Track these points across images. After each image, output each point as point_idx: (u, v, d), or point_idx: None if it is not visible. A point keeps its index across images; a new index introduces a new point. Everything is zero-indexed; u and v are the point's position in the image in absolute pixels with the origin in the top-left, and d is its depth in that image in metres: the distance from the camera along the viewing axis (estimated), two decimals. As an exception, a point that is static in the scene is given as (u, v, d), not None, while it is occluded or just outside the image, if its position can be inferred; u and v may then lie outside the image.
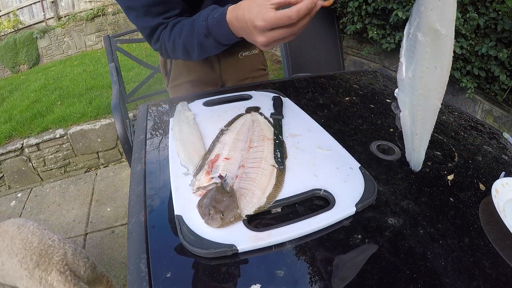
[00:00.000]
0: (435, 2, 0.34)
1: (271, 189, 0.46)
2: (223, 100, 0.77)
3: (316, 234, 0.41)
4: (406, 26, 0.38)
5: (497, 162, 0.59)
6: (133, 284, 0.36)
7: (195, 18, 0.62)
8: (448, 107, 0.80)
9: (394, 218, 0.44)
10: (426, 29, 0.36)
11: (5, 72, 4.87)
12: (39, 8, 5.00)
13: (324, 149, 0.56)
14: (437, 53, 0.36)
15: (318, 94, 0.84)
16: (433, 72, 0.38)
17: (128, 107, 1.80)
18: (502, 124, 1.63)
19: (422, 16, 0.35)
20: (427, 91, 0.40)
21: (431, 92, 0.39)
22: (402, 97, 0.43)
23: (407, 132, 0.46)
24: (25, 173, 2.33)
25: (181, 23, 0.65)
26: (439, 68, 0.37)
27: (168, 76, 1.01)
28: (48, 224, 1.84)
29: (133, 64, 3.22)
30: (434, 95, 0.39)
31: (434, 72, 0.38)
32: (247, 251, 0.38)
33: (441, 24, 0.35)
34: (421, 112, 0.42)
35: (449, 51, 0.36)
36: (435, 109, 0.40)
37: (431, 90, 0.39)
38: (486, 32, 1.46)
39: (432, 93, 0.39)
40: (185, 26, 0.64)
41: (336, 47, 2.26)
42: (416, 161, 0.47)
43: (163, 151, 0.60)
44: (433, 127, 0.42)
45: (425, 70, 0.38)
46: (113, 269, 1.51)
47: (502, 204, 0.46)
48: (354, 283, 0.35)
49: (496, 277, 0.37)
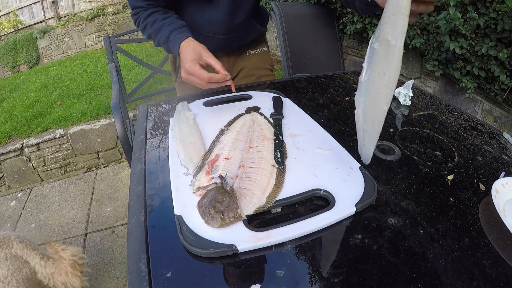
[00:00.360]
0: (390, 17, 0.38)
1: (271, 189, 0.46)
2: (223, 100, 0.77)
3: (316, 234, 0.41)
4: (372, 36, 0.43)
5: (497, 162, 0.59)
6: (133, 284, 0.36)
7: (165, 23, 0.78)
8: (448, 107, 0.80)
9: (394, 218, 0.44)
10: (381, 39, 0.40)
11: (5, 72, 4.87)
12: (39, 8, 5.00)
13: (324, 149, 0.56)
14: (387, 61, 0.40)
15: (318, 94, 0.84)
16: (382, 77, 0.42)
17: (128, 107, 1.80)
18: (502, 124, 1.63)
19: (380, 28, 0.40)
20: (376, 94, 0.44)
21: (379, 95, 0.43)
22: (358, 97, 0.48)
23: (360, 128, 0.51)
24: (25, 173, 2.33)
25: (156, 16, 0.80)
26: (387, 75, 0.41)
27: (177, 72, 1.02)
28: (48, 224, 1.84)
29: (133, 64, 3.22)
30: (382, 98, 0.43)
31: (383, 78, 0.42)
32: (247, 251, 0.38)
33: (392, 36, 0.39)
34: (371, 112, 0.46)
35: (396, 60, 0.40)
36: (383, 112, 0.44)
37: (380, 94, 0.43)
38: (486, 32, 1.46)
39: (381, 97, 0.43)
40: (157, 21, 0.79)
41: (336, 47, 2.26)
42: (366, 155, 0.51)
43: (163, 151, 0.60)
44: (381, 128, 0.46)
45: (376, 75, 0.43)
46: (113, 269, 1.51)
47: (502, 204, 0.46)
48: (354, 283, 0.35)
49: (496, 277, 0.37)
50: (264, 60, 1.05)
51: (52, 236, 1.74)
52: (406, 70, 2.13)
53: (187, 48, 0.72)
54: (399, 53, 0.39)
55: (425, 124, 0.70)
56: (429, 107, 0.79)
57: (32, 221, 1.88)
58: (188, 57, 0.70)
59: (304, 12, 2.19)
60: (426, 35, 1.82)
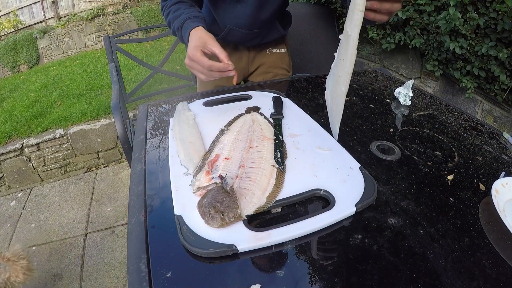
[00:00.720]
0: (349, 12, 0.47)
1: (271, 189, 0.46)
2: (223, 100, 0.77)
3: (316, 234, 0.41)
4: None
5: (497, 162, 0.59)
6: (133, 284, 0.36)
7: (184, 12, 0.79)
8: (448, 107, 0.80)
9: (394, 218, 0.44)
10: (344, 31, 0.49)
11: (5, 72, 4.87)
12: (39, 8, 5.00)
13: (324, 149, 0.56)
14: (346, 49, 0.48)
15: (318, 94, 0.84)
16: (342, 63, 0.50)
17: (128, 107, 1.80)
18: (502, 124, 1.63)
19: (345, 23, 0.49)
20: (338, 78, 0.52)
21: (340, 78, 0.51)
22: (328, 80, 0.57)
23: (328, 107, 0.59)
24: (25, 173, 2.33)
25: (180, 5, 0.82)
26: (345, 60, 0.49)
27: None
28: (48, 224, 1.84)
29: (133, 64, 3.22)
30: (341, 81, 0.51)
31: (343, 63, 0.49)
32: (247, 251, 0.38)
33: (349, 27, 0.47)
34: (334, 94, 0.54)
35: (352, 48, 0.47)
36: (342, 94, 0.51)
37: (340, 76, 0.51)
38: (486, 32, 1.46)
39: (340, 79, 0.51)
40: (179, 10, 0.81)
41: (336, 47, 2.25)
42: (334, 131, 0.59)
43: (163, 151, 0.60)
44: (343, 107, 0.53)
45: (339, 61, 0.51)
46: (113, 269, 1.51)
47: (502, 204, 0.46)
48: (354, 283, 0.35)
49: (496, 277, 0.37)
50: (283, 60, 1.09)
51: (52, 236, 1.74)
52: (406, 70, 2.13)
53: (194, 35, 0.72)
54: (353, 43, 0.47)
55: (425, 124, 0.70)
56: (429, 107, 0.79)
57: (32, 221, 1.88)
58: (193, 43, 0.70)
59: (304, 12, 2.19)
60: (426, 35, 1.82)
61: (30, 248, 1.67)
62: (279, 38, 1.05)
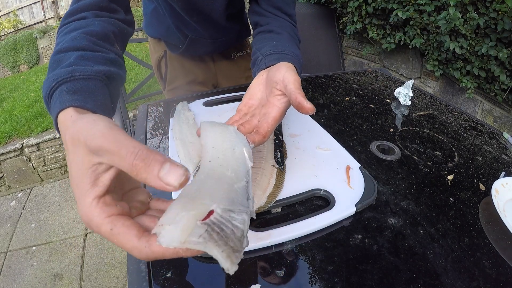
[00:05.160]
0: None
1: (271, 189, 0.46)
2: (223, 100, 0.77)
3: (316, 234, 0.41)
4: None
5: (497, 162, 0.59)
6: (133, 284, 0.36)
7: (71, 55, 0.38)
8: (448, 107, 0.80)
9: (394, 218, 0.44)
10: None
11: (5, 72, 4.87)
12: (39, 8, 5.00)
13: (324, 149, 0.56)
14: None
15: (318, 94, 0.84)
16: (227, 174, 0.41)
17: (128, 107, 1.80)
18: (502, 124, 1.63)
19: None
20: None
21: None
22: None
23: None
24: (25, 173, 2.33)
25: (77, 33, 0.42)
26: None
27: (164, 80, 1.00)
28: (48, 224, 1.84)
29: (133, 64, 3.22)
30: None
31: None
32: (247, 251, 0.38)
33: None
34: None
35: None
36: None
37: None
38: (486, 32, 1.46)
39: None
40: (68, 41, 0.41)
41: (336, 47, 2.26)
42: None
43: (163, 151, 0.60)
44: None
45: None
46: (113, 269, 1.51)
47: (502, 204, 0.46)
48: (354, 283, 0.35)
49: (496, 277, 0.37)
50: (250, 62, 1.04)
51: (52, 236, 1.74)
52: (406, 70, 2.13)
53: (69, 132, 0.29)
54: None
55: (425, 124, 0.70)
56: (429, 107, 0.79)
57: (32, 221, 1.88)
58: (75, 178, 0.27)
59: (304, 12, 2.19)
60: (426, 35, 1.82)
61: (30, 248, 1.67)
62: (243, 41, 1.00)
